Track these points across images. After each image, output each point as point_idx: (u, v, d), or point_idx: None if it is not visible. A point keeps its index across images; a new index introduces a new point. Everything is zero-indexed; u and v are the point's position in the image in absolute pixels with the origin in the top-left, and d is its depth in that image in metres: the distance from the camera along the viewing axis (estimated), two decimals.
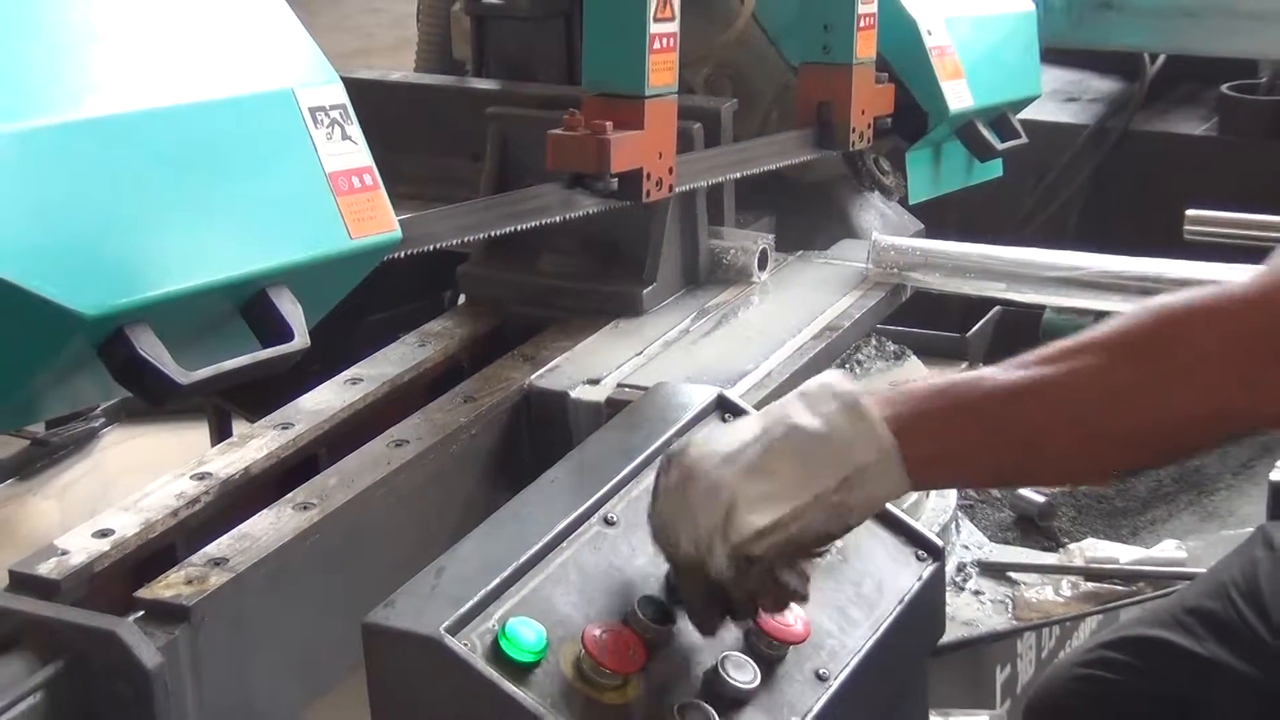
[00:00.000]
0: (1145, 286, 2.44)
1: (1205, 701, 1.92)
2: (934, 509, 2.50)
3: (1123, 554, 2.45)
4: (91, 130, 1.59)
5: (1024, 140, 3.15)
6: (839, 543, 1.67)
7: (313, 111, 1.78)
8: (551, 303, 2.45)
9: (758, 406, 1.92)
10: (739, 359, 2.32)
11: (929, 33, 2.90)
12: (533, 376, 2.23)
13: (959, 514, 2.61)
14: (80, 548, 1.75)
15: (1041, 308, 3.13)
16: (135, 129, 1.62)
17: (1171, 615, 1.99)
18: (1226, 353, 1.50)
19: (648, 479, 1.74)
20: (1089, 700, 1.98)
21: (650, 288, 2.45)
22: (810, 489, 1.47)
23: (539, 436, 2.16)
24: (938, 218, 3.23)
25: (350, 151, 1.81)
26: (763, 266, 2.62)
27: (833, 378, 1.56)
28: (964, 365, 2.66)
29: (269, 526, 1.81)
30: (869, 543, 1.79)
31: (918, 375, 2.53)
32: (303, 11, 1.88)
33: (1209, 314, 1.50)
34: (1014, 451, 1.54)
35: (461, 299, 2.61)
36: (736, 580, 1.49)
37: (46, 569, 1.71)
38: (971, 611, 2.37)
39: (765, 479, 1.48)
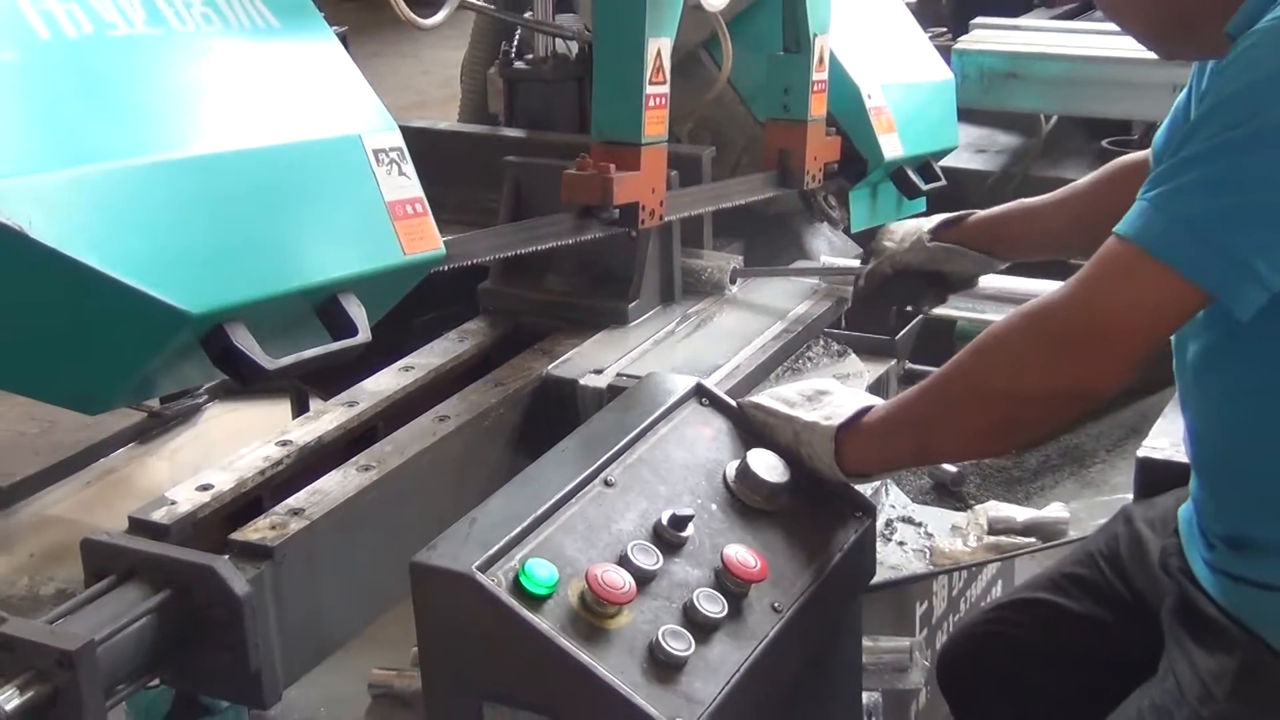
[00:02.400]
0: None
1: (1080, 646, 1.93)
2: None
3: (1018, 514, 2.45)
4: (199, 165, 1.59)
5: (943, 183, 3.14)
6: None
7: (375, 153, 1.78)
8: (555, 314, 2.43)
9: (730, 394, 1.93)
10: (714, 355, 2.31)
11: (869, 96, 2.89)
12: (549, 367, 2.23)
13: (887, 480, 2.61)
14: (186, 499, 1.75)
15: (955, 318, 3.12)
16: (234, 164, 1.62)
17: (1052, 580, 2.00)
18: (1038, 345, 1.54)
19: (641, 450, 1.75)
20: (990, 651, 2.00)
21: (634, 303, 2.44)
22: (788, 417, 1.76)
23: (554, 414, 2.16)
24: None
25: (405, 185, 1.80)
26: (733, 281, 2.62)
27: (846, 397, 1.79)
28: (892, 362, 2.65)
29: (337, 484, 1.82)
30: (815, 503, 1.79)
31: (855, 369, 2.53)
32: (369, 73, 1.88)
33: (1029, 319, 1.59)
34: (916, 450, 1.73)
35: None
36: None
37: (159, 515, 1.71)
38: (896, 558, 2.37)
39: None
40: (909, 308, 2.45)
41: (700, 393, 1.88)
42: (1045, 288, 2.43)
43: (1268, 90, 1.45)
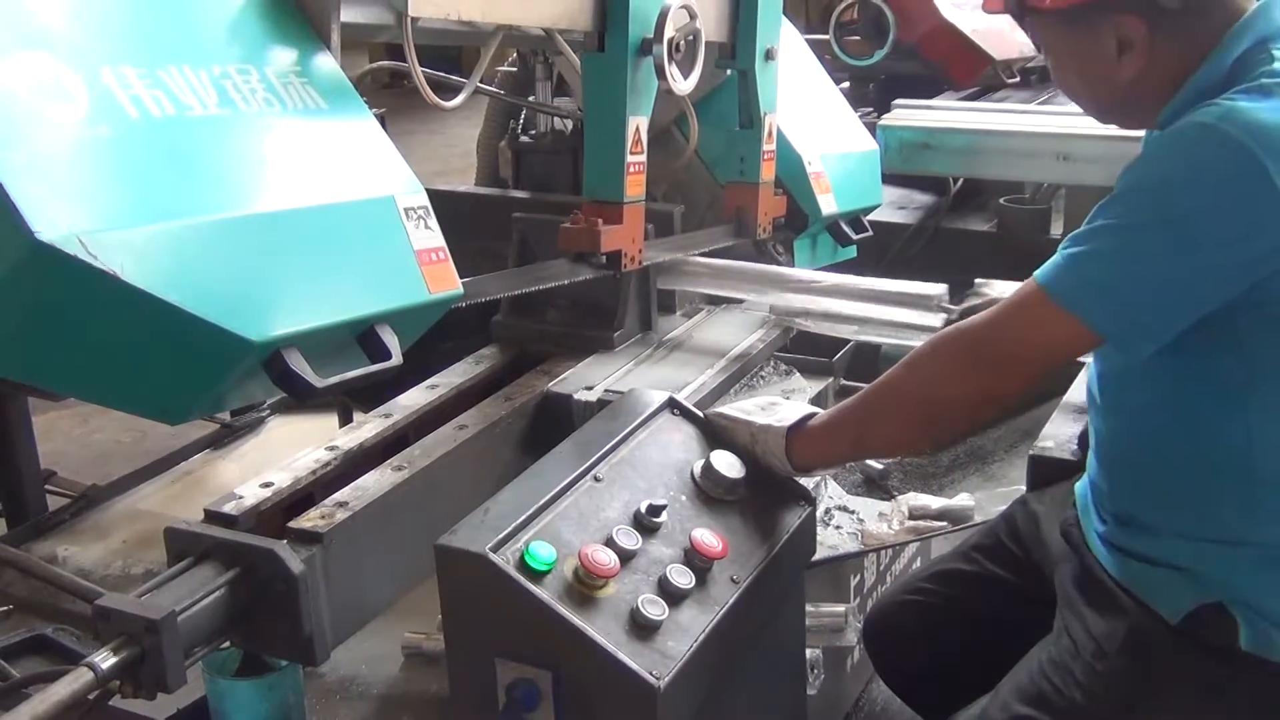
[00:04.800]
0: None
1: (979, 609, 1.94)
2: None
3: (933, 503, 2.44)
4: (262, 220, 1.59)
5: (870, 234, 3.15)
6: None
7: (406, 210, 1.78)
8: (554, 342, 2.43)
9: (697, 406, 1.93)
10: (684, 374, 2.32)
11: (810, 163, 2.91)
12: (550, 384, 2.23)
13: (826, 476, 2.60)
14: (251, 494, 1.75)
15: (880, 344, 3.13)
16: (290, 219, 1.62)
17: (961, 553, 2.01)
18: (957, 360, 1.55)
19: (624, 452, 1.75)
20: (910, 616, 2.00)
21: (618, 332, 2.44)
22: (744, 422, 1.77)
23: (553, 423, 2.16)
24: None
25: (430, 236, 1.80)
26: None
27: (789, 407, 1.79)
28: (830, 379, 2.65)
29: (375, 481, 1.82)
30: (766, 494, 1.79)
31: (800, 385, 2.53)
32: (401, 146, 1.88)
33: (950, 339, 1.62)
34: (853, 444, 1.74)
35: None
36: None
37: (229, 508, 1.71)
38: (833, 539, 2.36)
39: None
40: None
41: (672, 405, 1.88)
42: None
43: (1161, 192, 1.47)
